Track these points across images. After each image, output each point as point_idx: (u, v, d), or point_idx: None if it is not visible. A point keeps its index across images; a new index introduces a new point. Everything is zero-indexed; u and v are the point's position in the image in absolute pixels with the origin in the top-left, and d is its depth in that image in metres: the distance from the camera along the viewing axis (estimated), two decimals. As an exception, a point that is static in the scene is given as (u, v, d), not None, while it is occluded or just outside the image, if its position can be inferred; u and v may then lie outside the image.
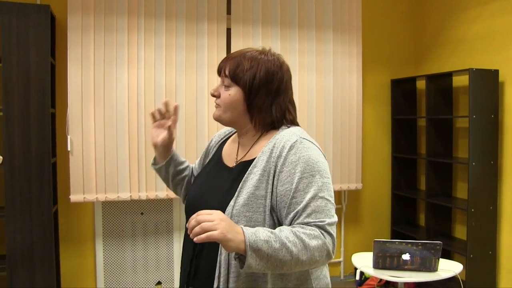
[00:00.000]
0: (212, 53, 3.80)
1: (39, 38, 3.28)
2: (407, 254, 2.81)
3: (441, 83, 3.99)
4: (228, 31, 3.85)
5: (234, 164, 1.54)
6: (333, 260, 4.31)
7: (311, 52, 4.00)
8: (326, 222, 1.31)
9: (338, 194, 4.32)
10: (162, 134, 1.68)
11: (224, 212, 1.34)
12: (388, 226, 4.50)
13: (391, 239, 4.47)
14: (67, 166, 3.55)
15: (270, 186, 1.38)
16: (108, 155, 3.60)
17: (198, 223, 1.20)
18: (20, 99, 3.26)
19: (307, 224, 1.31)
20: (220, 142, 1.72)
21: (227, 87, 1.47)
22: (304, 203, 1.32)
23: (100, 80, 3.56)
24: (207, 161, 1.72)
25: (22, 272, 3.30)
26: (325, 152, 4.02)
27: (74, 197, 3.53)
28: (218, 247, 1.37)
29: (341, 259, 4.34)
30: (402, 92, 4.45)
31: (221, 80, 1.51)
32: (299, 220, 1.32)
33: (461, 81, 3.95)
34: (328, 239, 1.31)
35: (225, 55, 3.75)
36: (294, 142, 1.39)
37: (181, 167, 1.76)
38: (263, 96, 1.45)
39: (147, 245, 3.87)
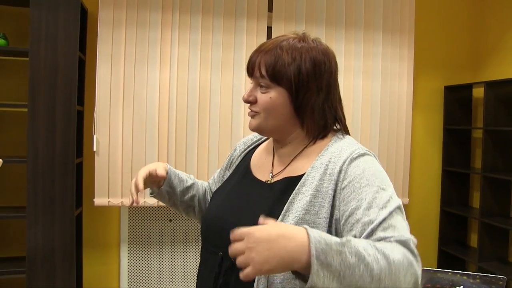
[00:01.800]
0: (251, 52, 3.53)
1: (68, 32, 3.11)
2: (462, 287, 2.45)
3: (502, 91, 3.60)
4: (269, 29, 3.59)
5: (270, 178, 1.26)
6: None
7: (358, 55, 3.69)
8: (410, 238, 0.99)
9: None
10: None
11: None
12: (435, 245, 4.13)
13: (438, 259, 4.10)
14: (92, 167, 3.36)
15: (327, 211, 1.09)
16: (135, 157, 3.40)
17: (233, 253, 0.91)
18: (46, 95, 3.10)
19: (384, 239, 0.98)
20: (246, 151, 1.42)
21: (266, 88, 1.19)
22: (379, 219, 1.01)
23: (130, 78, 3.36)
24: (229, 173, 1.41)
25: (42, 276, 3.14)
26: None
27: (98, 201, 3.34)
28: (249, 283, 1.09)
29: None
30: (456, 100, 4.07)
31: (254, 81, 1.22)
32: (373, 237, 1.00)
33: (525, 89, 3.56)
34: (415, 259, 0.97)
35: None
36: (356, 155, 1.14)
37: (185, 185, 1.48)
38: (313, 94, 1.18)
39: (174, 254, 3.64)
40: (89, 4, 3.36)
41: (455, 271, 2.49)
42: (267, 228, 0.91)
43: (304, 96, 1.17)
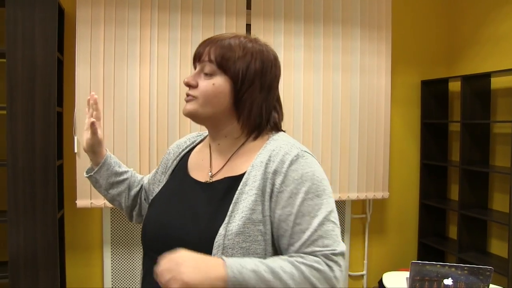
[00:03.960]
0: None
1: (46, 32, 3.06)
2: (450, 279, 2.49)
3: (478, 84, 3.68)
4: (248, 26, 3.59)
5: (209, 178, 1.25)
6: (355, 273, 4.03)
7: (336, 50, 3.72)
8: (336, 251, 1.08)
9: (362, 203, 4.04)
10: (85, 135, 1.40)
11: (212, 244, 1.08)
12: (415, 237, 4.20)
13: (418, 251, 4.18)
14: (73, 169, 3.33)
15: (267, 209, 1.13)
16: (117, 157, 3.35)
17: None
18: (24, 96, 3.05)
19: (311, 253, 1.08)
20: (182, 154, 1.40)
21: (209, 75, 1.20)
22: (311, 230, 1.09)
23: (110, 77, 3.33)
24: (166, 177, 1.39)
25: (25, 280, 3.09)
26: (350, 158, 3.75)
27: (81, 202, 3.31)
28: None
29: (364, 272, 4.05)
30: (433, 94, 4.15)
31: (199, 66, 1.23)
32: (304, 250, 1.09)
33: (501, 82, 3.64)
34: (336, 273, 1.07)
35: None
36: (296, 156, 1.16)
37: (117, 178, 1.47)
38: (256, 90, 1.21)
39: (158, 254, 3.62)
40: (65, 3, 3.32)
41: (444, 263, 2.53)
42: (191, 253, 1.05)
43: (247, 90, 1.20)
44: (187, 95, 1.24)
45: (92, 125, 1.38)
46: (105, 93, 3.33)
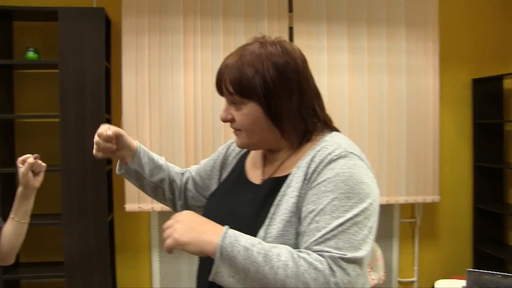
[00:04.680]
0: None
1: (94, 42, 3.20)
2: (511, 291, 2.28)
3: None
4: (290, 29, 3.59)
5: (260, 181, 1.24)
6: (405, 279, 3.91)
7: (381, 51, 3.64)
8: (346, 256, 0.98)
9: (411, 207, 3.92)
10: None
11: None
12: (469, 244, 4.02)
13: (474, 258, 3.99)
14: (122, 174, 3.44)
15: (300, 211, 1.09)
16: (164, 162, 3.45)
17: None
18: (75, 105, 3.20)
19: (319, 252, 1.00)
20: (242, 153, 1.40)
21: (239, 105, 1.16)
22: (327, 229, 1.01)
23: (155, 84, 3.43)
24: (224, 174, 1.40)
25: (80, 279, 3.25)
26: (398, 161, 3.65)
27: (129, 206, 3.41)
28: None
29: (415, 278, 3.93)
30: (485, 93, 3.96)
31: (226, 99, 1.20)
32: (312, 247, 1.02)
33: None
34: (338, 278, 0.97)
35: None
36: (337, 156, 1.10)
37: (155, 165, 1.42)
38: (285, 100, 1.14)
39: (204, 257, 3.68)
40: (112, 14, 3.44)
41: (505, 274, 2.28)
42: (197, 215, 1.09)
43: (277, 104, 1.14)
44: (232, 128, 1.22)
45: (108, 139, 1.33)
46: (151, 99, 3.42)
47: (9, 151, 3.33)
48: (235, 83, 1.14)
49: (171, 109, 3.45)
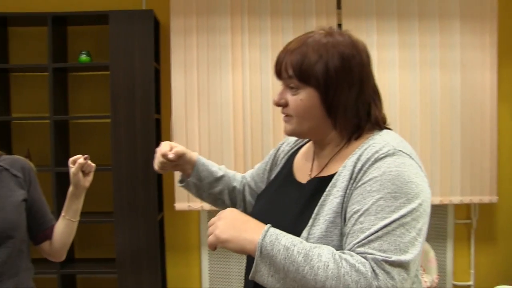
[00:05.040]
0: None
1: (144, 43, 3.26)
2: None
3: None
4: (339, 26, 3.52)
5: (308, 178, 1.21)
6: (461, 283, 3.76)
7: (434, 46, 3.50)
8: (391, 259, 0.94)
9: (467, 208, 3.76)
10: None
11: None
12: (532, 246, 3.83)
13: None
14: (172, 173, 3.48)
15: (344, 211, 1.06)
16: (213, 161, 3.46)
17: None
18: (126, 105, 3.27)
19: (362, 254, 0.96)
20: (290, 152, 1.38)
21: (295, 90, 1.13)
22: (371, 231, 0.97)
23: (204, 84, 3.45)
24: (273, 174, 1.38)
25: (130, 276, 3.33)
26: (452, 159, 3.51)
27: (179, 205, 3.46)
28: None
29: (471, 282, 3.77)
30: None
31: (283, 82, 1.17)
32: (356, 249, 0.98)
33: None
34: (381, 282, 0.93)
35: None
36: (384, 154, 1.05)
37: (213, 177, 1.45)
38: (345, 91, 1.10)
39: (253, 256, 3.68)
40: (160, 16, 3.49)
41: None
42: (240, 212, 1.11)
43: (335, 94, 1.11)
44: (283, 114, 1.20)
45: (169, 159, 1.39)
46: (199, 99, 3.45)
47: (64, 151, 3.44)
48: (296, 66, 1.11)
49: (220, 108, 3.46)
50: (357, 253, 0.97)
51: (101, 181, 3.47)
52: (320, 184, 1.14)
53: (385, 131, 1.17)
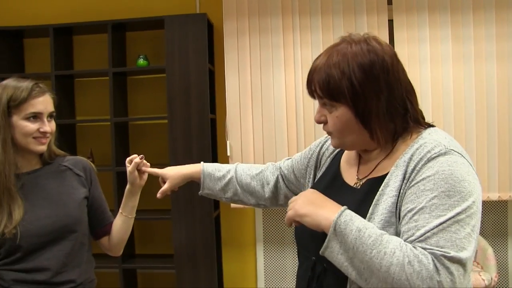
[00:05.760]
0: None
1: (198, 46, 3.37)
2: None
3: None
4: (390, 22, 3.50)
5: (356, 181, 1.23)
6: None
7: (490, 38, 3.41)
8: (449, 255, 0.96)
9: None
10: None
11: None
12: None
13: None
14: (228, 172, 3.57)
15: (399, 210, 1.08)
16: (267, 160, 3.53)
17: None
18: (182, 106, 3.39)
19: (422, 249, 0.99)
20: (335, 153, 1.38)
21: (330, 107, 1.16)
22: (427, 228, 0.99)
23: (257, 83, 3.53)
24: (319, 173, 1.39)
25: (188, 272, 3.44)
26: (510, 154, 3.40)
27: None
28: (342, 287, 1.11)
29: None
30: None
31: (318, 101, 1.20)
32: (413, 245, 1.00)
33: None
34: (441, 277, 0.94)
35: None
36: (437, 153, 1.07)
37: (222, 183, 1.57)
38: (373, 100, 1.11)
39: (307, 253, 3.71)
40: (214, 18, 3.59)
41: None
42: (319, 193, 1.17)
43: (365, 106, 1.12)
44: (325, 131, 1.23)
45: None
46: (253, 99, 3.53)
47: (124, 152, 3.59)
48: (323, 86, 1.14)
49: (273, 107, 3.52)
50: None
51: (158, 180, 3.63)
52: (373, 185, 1.16)
53: (432, 129, 1.18)
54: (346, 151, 1.35)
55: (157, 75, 3.64)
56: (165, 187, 1.57)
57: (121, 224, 1.75)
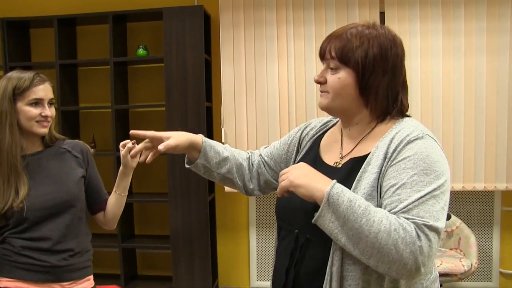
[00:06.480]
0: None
1: (195, 37, 3.50)
2: None
3: None
4: (382, 15, 3.58)
5: (339, 160, 1.34)
6: (508, 271, 3.74)
7: (480, 32, 3.46)
8: (428, 223, 1.10)
9: (514, 194, 3.73)
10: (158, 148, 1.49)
11: None
12: None
13: None
14: (222, 158, 3.73)
15: (380, 186, 1.21)
16: (260, 146, 3.63)
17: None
18: (179, 94, 3.54)
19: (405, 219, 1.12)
20: (315, 136, 1.48)
21: (335, 70, 1.27)
22: (409, 201, 1.12)
23: (252, 73, 3.66)
24: (299, 157, 1.49)
25: (183, 252, 3.62)
26: (497, 147, 3.56)
27: (228, 187, 3.68)
28: (324, 255, 1.23)
29: (519, 269, 3.75)
30: None
31: (325, 63, 1.31)
32: (397, 215, 1.13)
33: None
34: (422, 243, 1.08)
35: (378, 42, 3.53)
36: (415, 137, 1.21)
37: (221, 157, 1.54)
38: (378, 76, 1.25)
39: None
40: (211, 10, 3.72)
41: None
42: (311, 167, 1.25)
43: (370, 77, 1.25)
44: (320, 90, 1.34)
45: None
46: (247, 88, 3.66)
47: (125, 137, 3.72)
48: (338, 49, 1.26)
49: (267, 96, 3.65)
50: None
51: (157, 166, 3.79)
52: (354, 164, 1.28)
53: (409, 118, 1.32)
54: (326, 135, 1.46)
55: (156, 65, 3.79)
56: (169, 141, 1.47)
57: (115, 201, 1.93)
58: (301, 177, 1.20)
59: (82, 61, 3.85)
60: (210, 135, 3.74)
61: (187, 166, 1.58)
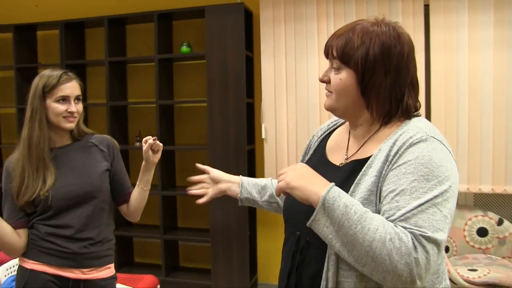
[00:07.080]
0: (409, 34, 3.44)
1: (236, 34, 3.56)
2: None
3: None
4: (426, 7, 3.44)
5: (344, 161, 1.31)
6: None
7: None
8: (426, 234, 1.03)
9: None
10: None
11: None
12: None
13: None
14: (262, 153, 3.75)
15: (380, 190, 1.16)
16: (300, 143, 3.67)
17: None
18: (220, 91, 3.60)
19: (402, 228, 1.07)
20: (323, 136, 1.47)
21: (337, 70, 1.24)
22: (407, 209, 1.06)
23: (292, 70, 3.65)
24: (306, 158, 1.49)
25: (222, 247, 3.68)
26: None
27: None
28: (323, 260, 1.20)
29: None
30: None
31: (329, 62, 1.28)
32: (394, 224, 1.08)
33: None
34: (418, 254, 1.02)
35: (422, 35, 3.39)
36: (418, 139, 1.15)
37: (260, 186, 1.66)
38: (380, 77, 1.20)
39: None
40: (252, 7, 3.76)
41: None
42: (310, 168, 1.23)
43: (371, 78, 1.20)
44: (326, 90, 1.31)
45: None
46: (287, 84, 3.66)
47: (169, 132, 3.90)
48: (339, 48, 1.22)
49: (307, 92, 3.63)
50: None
51: (198, 159, 3.88)
52: (355, 166, 1.23)
53: (417, 118, 1.25)
54: (333, 135, 1.45)
55: (199, 61, 3.88)
56: (211, 191, 1.73)
57: (138, 195, 2.01)
58: (298, 178, 1.17)
59: (129, 58, 4.02)
60: (251, 131, 3.78)
61: (240, 204, 1.72)
